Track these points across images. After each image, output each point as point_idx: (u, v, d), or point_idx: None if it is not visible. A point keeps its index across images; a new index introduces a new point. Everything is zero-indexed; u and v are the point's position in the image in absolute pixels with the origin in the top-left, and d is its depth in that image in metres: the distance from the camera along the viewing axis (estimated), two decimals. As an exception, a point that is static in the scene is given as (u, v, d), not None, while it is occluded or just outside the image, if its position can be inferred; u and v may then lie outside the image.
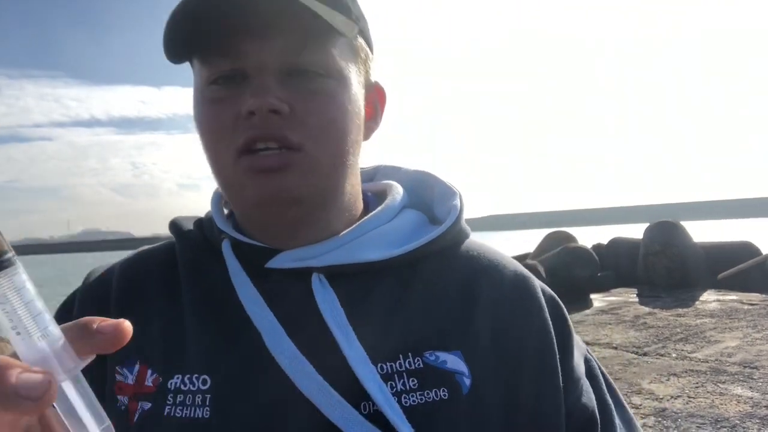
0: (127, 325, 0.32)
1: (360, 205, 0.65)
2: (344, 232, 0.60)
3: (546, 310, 0.62)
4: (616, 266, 8.87)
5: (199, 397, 0.52)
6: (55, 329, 0.31)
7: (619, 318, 6.02)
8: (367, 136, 0.64)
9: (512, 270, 0.64)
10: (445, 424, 0.52)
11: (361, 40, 0.61)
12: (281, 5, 0.50)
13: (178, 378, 0.53)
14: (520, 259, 9.38)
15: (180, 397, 0.52)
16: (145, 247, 0.68)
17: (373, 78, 0.65)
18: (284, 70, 0.54)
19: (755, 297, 6.71)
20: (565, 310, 0.65)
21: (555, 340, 0.60)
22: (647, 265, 8.33)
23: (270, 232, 0.59)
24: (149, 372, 0.55)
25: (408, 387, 0.53)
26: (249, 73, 0.54)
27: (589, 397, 0.60)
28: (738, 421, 3.14)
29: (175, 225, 0.66)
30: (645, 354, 4.62)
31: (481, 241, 0.67)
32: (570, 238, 9.92)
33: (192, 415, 0.51)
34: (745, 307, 6.21)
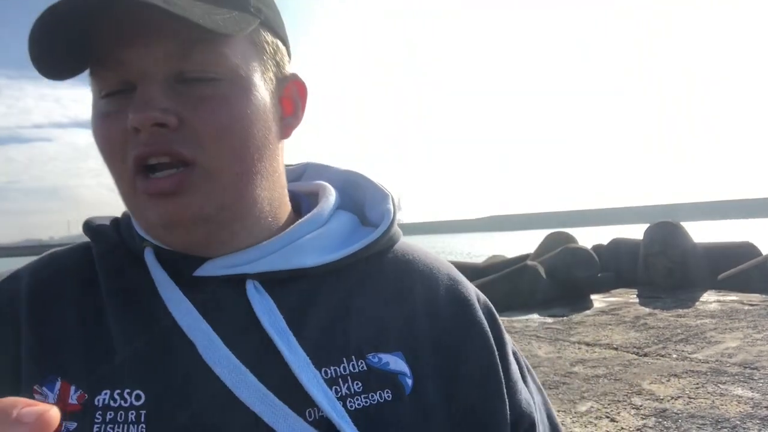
0: (54, 413, 0.29)
1: (286, 209, 0.62)
2: (277, 236, 0.58)
3: (482, 312, 0.62)
4: (616, 267, 8.87)
5: (132, 414, 0.48)
6: None
7: (619, 319, 6.02)
8: (286, 134, 0.60)
9: (446, 273, 0.64)
10: (391, 425, 0.52)
11: (266, 34, 0.56)
12: (152, 14, 0.46)
13: (106, 393, 0.49)
14: (521, 259, 9.39)
15: (110, 414, 0.48)
16: (55, 249, 0.62)
17: (290, 71, 0.61)
18: (171, 77, 0.50)
19: (755, 297, 6.71)
20: (497, 314, 0.65)
21: (493, 342, 0.61)
22: (647, 266, 8.33)
23: (188, 247, 0.56)
24: (72, 389, 0.50)
25: (353, 390, 0.52)
26: (135, 84, 0.50)
27: (527, 398, 0.62)
28: (738, 422, 3.13)
29: (90, 226, 0.61)
30: (645, 355, 4.61)
31: (413, 243, 0.68)
32: (570, 238, 9.93)
33: None
34: (746, 307, 6.21)
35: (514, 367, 0.63)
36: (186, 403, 0.49)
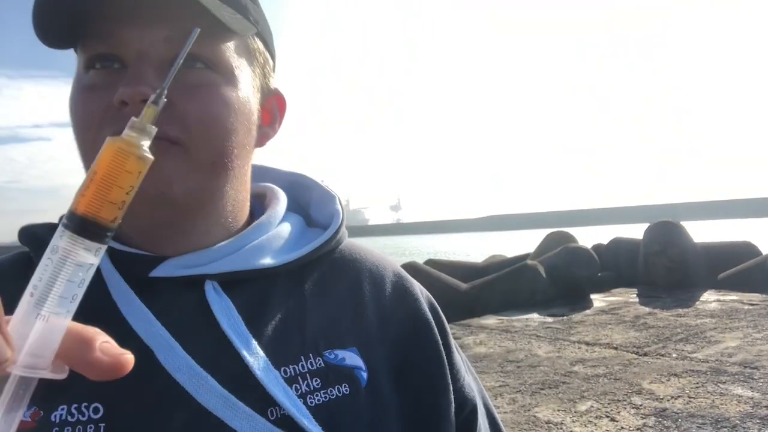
0: (130, 357, 0.30)
1: (245, 212, 0.62)
2: (232, 238, 0.58)
3: (426, 305, 0.65)
4: (616, 266, 8.87)
5: (91, 428, 0.46)
6: (60, 322, 0.29)
7: (619, 318, 6.02)
8: (261, 143, 0.61)
9: (392, 271, 0.67)
10: (350, 418, 0.53)
11: (259, 43, 0.59)
12: None
13: (63, 409, 0.47)
14: (521, 259, 9.39)
15: (68, 429, 0.46)
16: None
17: (274, 85, 0.63)
18: (166, 60, 0.50)
19: (755, 297, 6.71)
20: (439, 308, 0.68)
21: (437, 333, 0.64)
22: (647, 265, 8.33)
23: (147, 236, 0.55)
24: None
25: (312, 387, 0.53)
26: (128, 62, 0.50)
27: (469, 384, 0.66)
28: (738, 422, 3.13)
29: (28, 233, 0.57)
30: (645, 354, 4.62)
31: (357, 243, 0.69)
32: (570, 238, 9.93)
33: None
34: (746, 307, 6.21)
35: (456, 356, 0.66)
36: (146, 412, 0.48)
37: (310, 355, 0.55)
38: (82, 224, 0.30)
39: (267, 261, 0.57)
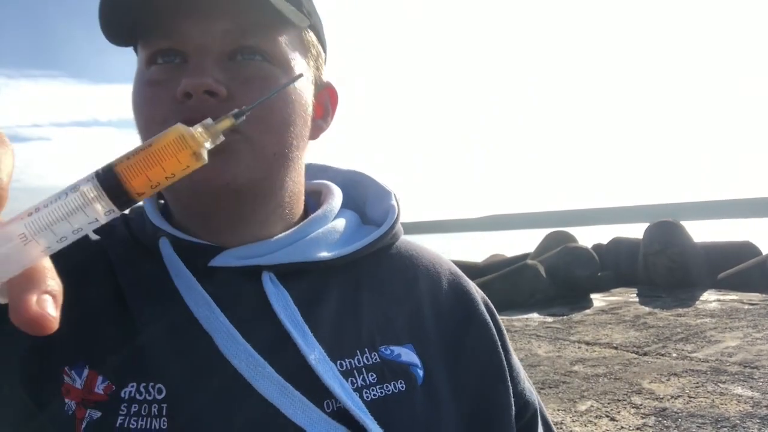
0: (49, 324, 0.28)
1: (301, 205, 0.63)
2: (289, 231, 0.59)
3: (483, 306, 0.65)
4: (616, 266, 8.86)
5: (155, 407, 0.49)
6: (34, 251, 0.29)
7: (619, 318, 6.02)
8: (315, 135, 0.62)
9: (448, 269, 0.66)
10: (405, 415, 0.53)
11: (312, 36, 0.60)
12: None
13: (132, 387, 0.50)
14: (521, 259, 9.38)
15: (135, 407, 0.49)
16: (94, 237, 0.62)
17: (326, 78, 0.64)
18: (226, 53, 0.52)
19: (755, 297, 6.71)
20: (495, 309, 0.68)
21: (495, 334, 0.63)
22: (647, 265, 8.33)
23: (208, 226, 0.57)
24: (99, 379, 0.50)
25: (368, 381, 0.53)
26: (189, 56, 0.52)
27: (529, 388, 0.66)
28: (738, 421, 3.13)
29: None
30: (645, 354, 4.62)
31: (414, 240, 0.69)
32: (570, 238, 9.92)
33: (148, 426, 0.48)
34: (746, 306, 6.21)
35: (515, 359, 0.65)
36: (205, 396, 0.49)
37: (366, 349, 0.55)
38: (111, 181, 0.30)
39: (323, 254, 0.58)
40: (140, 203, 0.61)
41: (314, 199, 0.67)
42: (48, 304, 0.28)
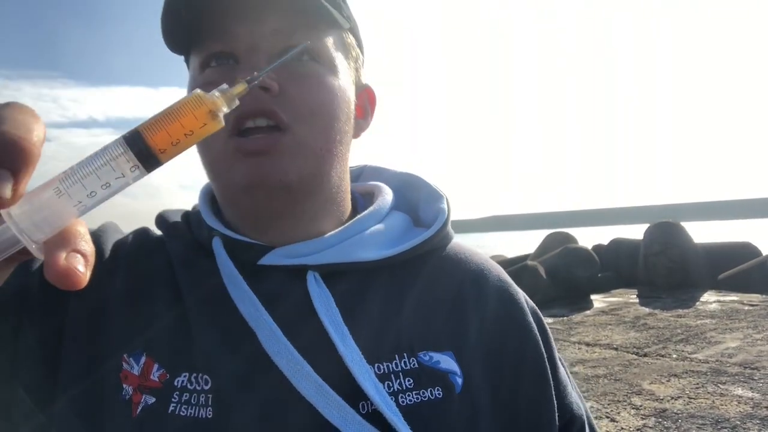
0: (78, 279, 0.31)
1: (349, 203, 0.64)
2: (337, 230, 0.60)
3: (530, 315, 0.63)
4: (616, 267, 8.86)
5: (202, 397, 0.52)
6: (69, 207, 0.32)
7: (619, 319, 6.02)
8: (356, 134, 0.64)
9: (496, 275, 0.65)
10: (441, 423, 0.53)
11: (352, 39, 0.62)
12: None
13: (185, 376, 0.53)
14: (521, 259, 9.38)
15: (186, 395, 0.52)
16: (141, 230, 0.66)
17: (364, 81, 0.66)
18: (275, 52, 0.54)
19: (755, 297, 6.71)
20: (544, 320, 0.66)
21: (542, 344, 0.61)
22: (648, 266, 8.32)
23: (259, 225, 0.59)
24: (155, 366, 0.54)
25: (404, 386, 0.53)
26: (240, 57, 0.54)
27: (577, 401, 0.63)
28: (738, 422, 3.13)
29: (162, 220, 0.65)
30: (645, 355, 4.61)
31: (464, 243, 0.68)
32: (570, 238, 9.92)
33: (196, 414, 0.51)
34: (746, 307, 6.20)
35: (561, 370, 0.64)
36: (248, 390, 0.51)
37: (405, 354, 0.55)
38: (135, 138, 0.33)
39: (368, 254, 0.58)
40: (196, 203, 0.65)
41: (366, 200, 0.68)
42: (77, 260, 0.31)
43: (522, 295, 0.65)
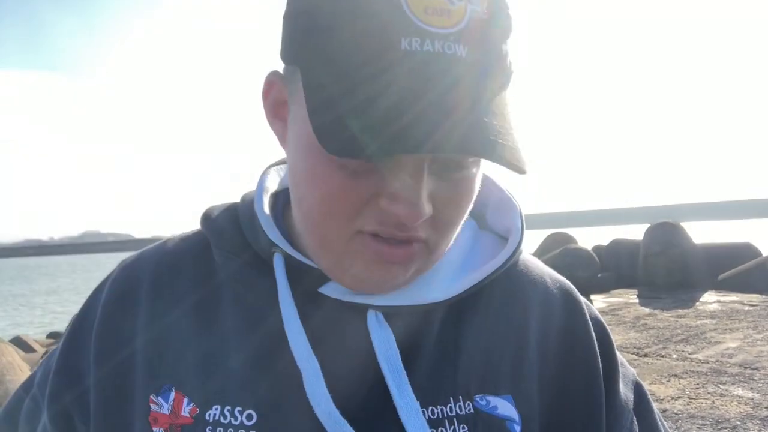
0: None
1: None
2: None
3: (595, 340, 0.58)
4: (616, 267, 8.87)
5: (241, 431, 0.48)
6: None
7: (619, 319, 6.02)
8: None
9: (562, 300, 0.59)
10: None
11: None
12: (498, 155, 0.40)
13: (216, 409, 0.49)
14: (521, 260, 9.37)
15: (219, 430, 0.48)
16: (175, 238, 0.60)
17: None
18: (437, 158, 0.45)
19: (756, 298, 6.71)
20: (610, 334, 0.60)
21: (602, 373, 0.56)
22: (648, 266, 8.33)
23: None
24: (185, 401, 0.50)
25: None
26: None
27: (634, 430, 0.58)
28: (739, 422, 3.13)
29: (209, 222, 0.57)
30: (645, 355, 4.61)
31: (531, 259, 0.62)
32: (570, 239, 9.92)
33: None
34: (746, 308, 6.21)
35: (623, 399, 0.59)
36: (289, 430, 0.48)
37: (461, 397, 0.51)
38: None
39: (435, 295, 0.52)
40: (248, 192, 0.59)
41: None
42: None
43: (587, 318, 0.59)
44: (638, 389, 0.61)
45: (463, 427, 0.50)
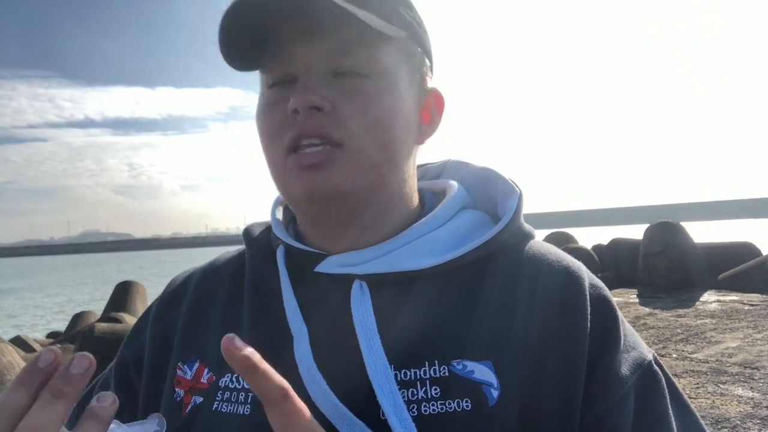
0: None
1: (412, 208, 0.64)
2: (394, 237, 0.60)
3: (588, 314, 0.56)
4: (616, 267, 8.87)
5: (242, 395, 0.56)
6: None
7: (619, 319, 6.01)
8: (421, 141, 0.65)
9: (562, 273, 0.59)
10: None
11: (414, 46, 0.62)
12: (326, 10, 0.52)
13: (228, 377, 0.58)
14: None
15: (227, 394, 0.57)
16: (224, 252, 0.73)
17: (432, 84, 0.66)
18: (330, 71, 0.56)
19: (756, 297, 6.70)
20: (615, 311, 0.59)
21: (588, 346, 0.55)
22: (647, 266, 8.32)
23: (320, 233, 0.62)
24: (206, 371, 0.59)
25: (429, 395, 0.51)
26: (298, 76, 0.57)
27: (623, 410, 0.55)
28: (739, 422, 3.13)
29: (246, 233, 0.71)
30: (645, 355, 4.61)
31: (542, 244, 0.63)
32: (570, 238, 9.94)
33: (235, 411, 0.55)
34: (746, 307, 6.20)
35: (617, 373, 0.55)
36: None
37: (436, 361, 0.53)
38: None
39: (415, 263, 0.58)
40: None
41: (437, 200, 0.67)
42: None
43: (586, 294, 0.57)
44: (648, 371, 0.59)
45: (435, 389, 0.52)
